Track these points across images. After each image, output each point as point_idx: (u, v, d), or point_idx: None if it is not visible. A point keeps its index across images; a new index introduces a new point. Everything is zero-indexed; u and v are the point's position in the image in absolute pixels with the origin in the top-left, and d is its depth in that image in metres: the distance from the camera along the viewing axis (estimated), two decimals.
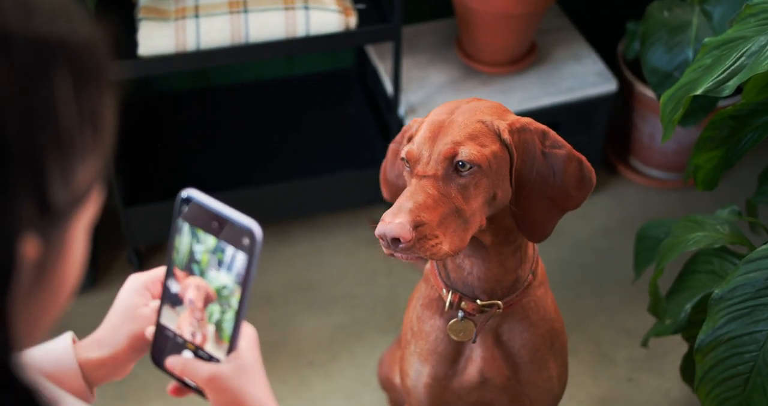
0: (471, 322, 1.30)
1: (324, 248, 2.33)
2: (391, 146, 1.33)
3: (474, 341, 1.31)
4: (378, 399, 1.99)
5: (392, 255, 1.15)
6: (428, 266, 1.36)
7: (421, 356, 1.36)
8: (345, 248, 2.33)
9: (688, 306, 1.65)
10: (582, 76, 2.22)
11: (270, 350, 2.09)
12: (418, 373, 1.37)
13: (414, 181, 1.16)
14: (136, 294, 0.91)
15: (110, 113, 0.55)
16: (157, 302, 0.90)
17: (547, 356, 1.35)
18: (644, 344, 1.84)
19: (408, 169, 1.20)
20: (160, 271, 0.93)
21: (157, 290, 0.92)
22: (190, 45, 1.85)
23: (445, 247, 1.13)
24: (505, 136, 1.18)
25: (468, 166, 1.15)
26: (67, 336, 0.90)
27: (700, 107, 1.81)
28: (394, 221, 1.10)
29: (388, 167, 1.34)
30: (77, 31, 0.50)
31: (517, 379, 1.34)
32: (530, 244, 1.31)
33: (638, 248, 1.85)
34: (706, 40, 1.41)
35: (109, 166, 2.01)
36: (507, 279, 1.28)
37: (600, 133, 2.30)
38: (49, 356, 0.88)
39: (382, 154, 2.22)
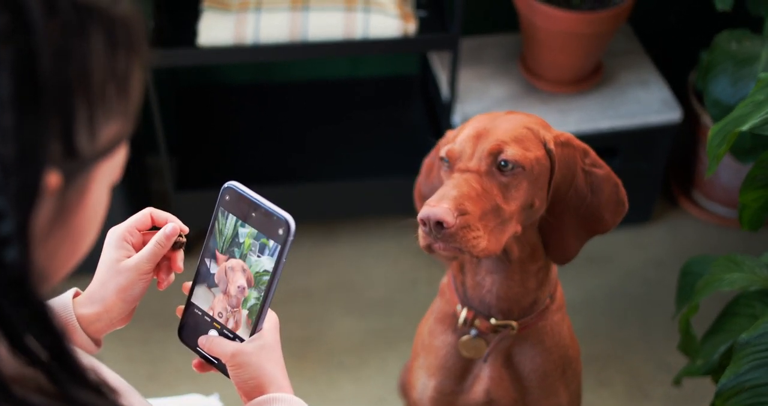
0: (483, 341, 1.28)
1: (368, 252, 2.33)
2: (426, 161, 1.33)
3: (485, 361, 1.30)
4: None
5: (430, 249, 1.13)
6: (445, 280, 1.35)
7: (428, 370, 1.35)
8: (389, 254, 2.33)
9: (722, 348, 1.59)
10: (646, 103, 2.17)
11: (303, 347, 2.10)
12: (423, 386, 1.36)
13: (456, 174, 1.15)
14: (116, 248, 0.94)
15: (138, 83, 0.62)
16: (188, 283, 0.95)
17: (557, 384, 1.32)
18: (677, 382, 1.79)
19: (447, 168, 1.19)
20: (134, 219, 0.96)
21: (137, 238, 0.96)
22: (248, 38, 1.87)
23: (484, 242, 1.12)
24: (551, 146, 1.18)
25: (511, 166, 1.15)
26: (70, 292, 0.94)
27: (760, 144, 1.74)
28: (439, 205, 1.10)
29: (422, 182, 1.34)
30: (117, 6, 0.59)
31: (524, 403, 1.32)
32: (553, 267, 1.29)
33: (681, 283, 1.80)
34: (762, 75, 1.36)
35: (162, 151, 2.05)
36: (525, 300, 1.26)
37: (660, 162, 2.24)
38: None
39: None
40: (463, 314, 1.28)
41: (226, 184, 0.90)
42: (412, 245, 2.32)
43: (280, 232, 0.87)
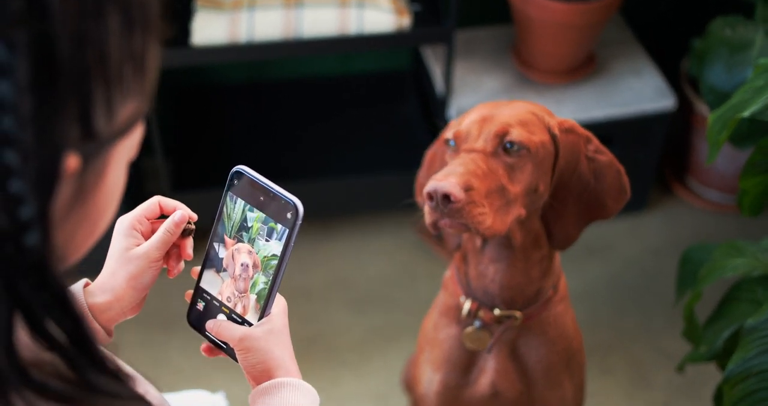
0: (487, 332, 1.29)
1: (366, 248, 2.33)
2: (428, 153, 1.34)
3: (489, 352, 1.30)
4: (407, 403, 1.98)
5: (435, 226, 1.14)
6: (448, 273, 1.35)
7: (433, 364, 1.34)
8: (387, 249, 2.32)
9: (726, 334, 1.59)
10: (639, 91, 2.17)
11: (304, 346, 2.09)
12: (429, 380, 1.36)
13: (463, 154, 1.16)
14: (125, 236, 0.93)
15: (154, 61, 0.62)
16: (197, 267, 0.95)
17: (562, 375, 1.32)
18: (680, 368, 1.79)
19: (452, 149, 1.19)
20: (143, 208, 0.95)
21: (146, 227, 0.96)
22: (242, 37, 1.86)
23: (489, 220, 1.12)
24: (555, 131, 1.19)
25: (516, 147, 1.15)
26: (80, 282, 0.94)
27: (758, 130, 1.75)
28: (447, 180, 1.10)
29: (424, 175, 1.34)
30: None
31: (529, 394, 1.32)
32: (556, 258, 1.29)
33: (681, 270, 1.80)
34: (761, 60, 1.37)
35: (159, 152, 2.04)
36: (529, 289, 1.26)
37: (655, 150, 2.24)
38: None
39: None
40: (467, 305, 1.29)
41: (234, 169, 0.90)
42: (410, 240, 2.33)
43: (289, 216, 0.87)
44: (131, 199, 2.13)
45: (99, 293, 0.92)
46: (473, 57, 2.26)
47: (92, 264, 0.95)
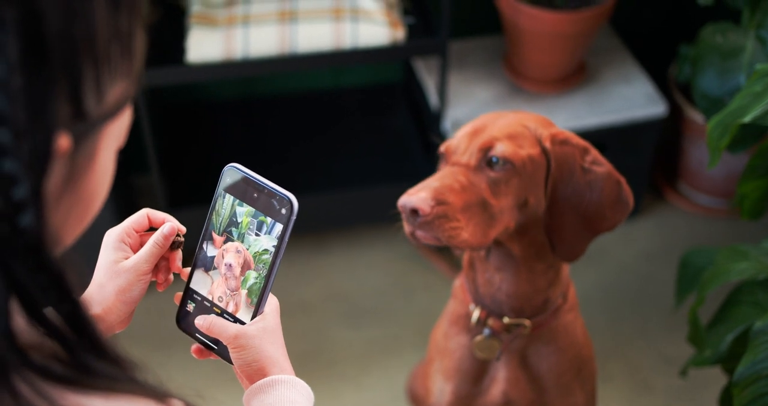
0: (496, 341, 1.29)
1: (361, 261, 2.33)
2: (440, 165, 1.35)
3: (498, 359, 1.30)
4: None
5: (414, 237, 1.14)
6: (457, 282, 1.35)
7: (445, 374, 1.34)
8: (383, 262, 2.32)
9: (729, 337, 1.60)
10: (630, 98, 2.19)
11: (302, 360, 2.08)
12: (441, 391, 1.36)
13: (447, 168, 1.17)
14: (113, 249, 0.93)
15: (140, 44, 0.63)
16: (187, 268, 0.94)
17: (573, 383, 1.33)
18: (683, 373, 1.80)
19: (444, 162, 1.21)
20: (131, 221, 0.95)
21: (135, 239, 0.95)
22: (238, 53, 1.86)
23: (465, 234, 1.13)
24: (547, 144, 1.18)
25: (501, 161, 1.15)
26: None
27: (750, 134, 1.76)
28: (417, 194, 1.11)
29: None
30: None
31: (541, 403, 1.32)
32: (564, 267, 1.30)
33: (680, 274, 1.81)
34: (758, 66, 1.38)
35: (154, 170, 2.03)
36: (536, 299, 1.26)
37: (647, 157, 2.26)
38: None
39: (424, 169, 2.21)
40: (476, 313, 1.29)
41: (227, 166, 0.90)
42: (406, 252, 2.33)
43: (283, 211, 0.86)
44: (125, 216, 2.12)
45: (87, 307, 0.92)
46: (465, 68, 2.27)
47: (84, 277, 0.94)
